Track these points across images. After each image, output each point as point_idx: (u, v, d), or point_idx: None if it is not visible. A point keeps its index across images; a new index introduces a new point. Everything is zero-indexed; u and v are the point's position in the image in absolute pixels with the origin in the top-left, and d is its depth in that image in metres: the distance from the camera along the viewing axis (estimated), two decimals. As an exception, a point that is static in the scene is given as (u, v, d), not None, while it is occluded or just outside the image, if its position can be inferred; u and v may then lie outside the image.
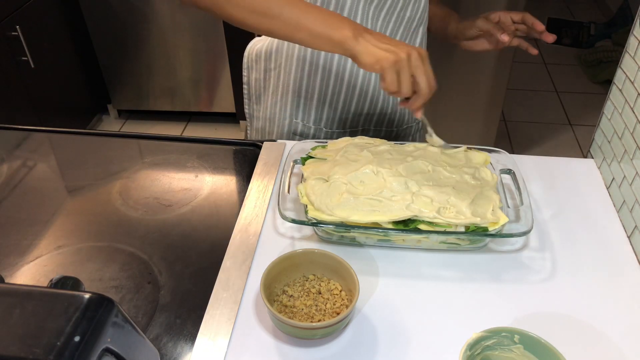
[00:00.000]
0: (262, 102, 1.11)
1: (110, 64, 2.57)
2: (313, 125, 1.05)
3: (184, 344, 0.68)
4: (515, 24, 0.99)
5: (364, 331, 0.68)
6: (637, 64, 0.85)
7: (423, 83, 0.74)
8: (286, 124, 1.07)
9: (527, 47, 0.99)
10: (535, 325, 0.68)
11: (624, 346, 0.67)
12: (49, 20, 2.27)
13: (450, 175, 0.81)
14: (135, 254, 0.81)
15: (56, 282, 0.54)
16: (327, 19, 0.76)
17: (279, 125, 1.08)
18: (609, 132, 0.93)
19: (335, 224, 0.75)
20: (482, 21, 1.00)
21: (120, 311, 0.49)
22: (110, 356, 0.47)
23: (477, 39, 1.03)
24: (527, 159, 0.98)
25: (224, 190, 0.94)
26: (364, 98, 1.02)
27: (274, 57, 1.03)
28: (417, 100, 0.77)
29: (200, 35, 2.43)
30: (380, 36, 0.76)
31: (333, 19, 0.76)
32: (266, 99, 1.09)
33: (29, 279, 0.76)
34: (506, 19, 0.99)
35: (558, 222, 0.84)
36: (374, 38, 0.75)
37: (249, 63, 1.10)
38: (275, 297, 0.70)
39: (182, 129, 2.75)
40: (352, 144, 0.89)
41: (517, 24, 0.99)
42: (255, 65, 1.08)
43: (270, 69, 1.05)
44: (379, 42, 0.74)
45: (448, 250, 0.79)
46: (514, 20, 0.98)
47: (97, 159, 1.02)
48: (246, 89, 1.14)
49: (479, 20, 1.00)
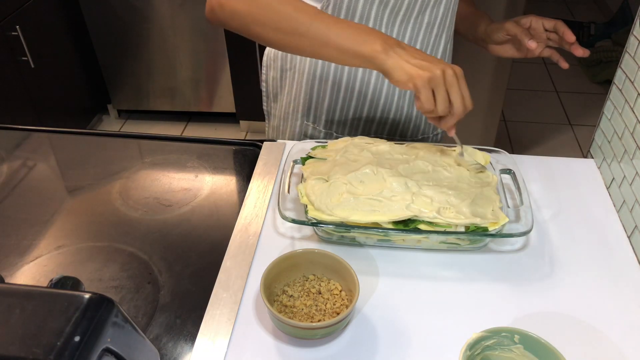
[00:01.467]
0: (279, 101, 1.11)
1: (110, 64, 2.57)
2: (324, 129, 1.04)
3: (184, 344, 0.68)
4: (547, 31, 0.90)
5: (364, 331, 0.68)
6: (637, 64, 0.85)
7: (458, 103, 0.70)
8: (298, 125, 1.06)
9: (559, 59, 0.92)
10: (535, 325, 0.68)
11: (624, 346, 0.67)
12: (49, 20, 2.27)
13: (450, 175, 0.81)
14: (135, 254, 0.81)
15: (56, 282, 0.54)
16: (356, 32, 0.73)
17: (291, 125, 1.08)
18: (609, 132, 0.93)
19: (335, 224, 0.75)
20: (511, 25, 0.92)
21: (120, 311, 0.49)
22: (110, 356, 0.47)
23: (505, 44, 0.96)
24: (527, 159, 0.98)
25: (224, 190, 0.94)
26: (375, 105, 1.00)
27: (290, 57, 1.02)
28: (450, 119, 0.72)
29: (200, 35, 2.43)
30: (413, 50, 0.72)
31: (362, 33, 0.73)
32: (282, 98, 1.09)
33: (29, 279, 0.76)
34: (538, 25, 0.90)
35: (558, 222, 0.84)
36: (406, 53, 0.71)
37: (267, 61, 1.09)
38: (275, 297, 0.70)
39: (182, 129, 2.75)
40: (352, 144, 0.89)
41: (549, 32, 0.90)
42: (273, 64, 1.07)
43: (287, 69, 1.04)
44: (412, 57, 0.70)
45: (448, 250, 0.79)
46: (546, 27, 0.90)
47: (97, 159, 1.02)
48: (264, 87, 1.13)
49: (508, 23, 0.92)
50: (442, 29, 0.95)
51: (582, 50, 0.87)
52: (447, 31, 0.96)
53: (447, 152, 0.87)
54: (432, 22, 0.92)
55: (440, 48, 0.97)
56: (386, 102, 1.00)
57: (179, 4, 2.34)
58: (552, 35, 0.91)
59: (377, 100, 0.99)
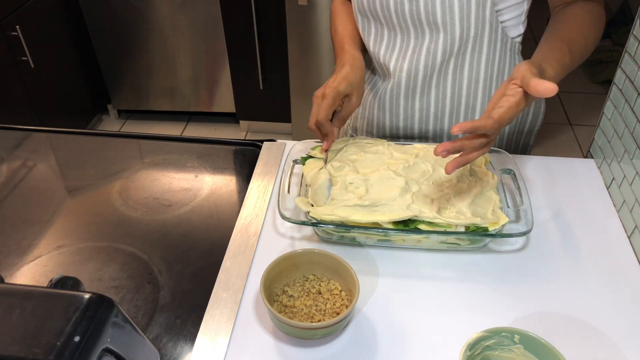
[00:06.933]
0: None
1: (110, 64, 2.57)
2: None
3: (184, 344, 0.68)
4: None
5: (364, 331, 0.68)
6: (637, 64, 0.85)
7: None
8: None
9: None
10: (535, 325, 0.68)
11: (624, 346, 0.67)
12: (49, 20, 2.27)
13: (451, 176, 0.81)
14: (135, 254, 0.81)
15: (56, 282, 0.54)
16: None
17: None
18: (609, 132, 0.93)
19: (335, 224, 0.75)
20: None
21: (120, 311, 0.49)
22: (110, 356, 0.47)
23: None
24: (527, 159, 0.98)
25: (224, 190, 0.94)
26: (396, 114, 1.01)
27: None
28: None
29: (200, 35, 2.43)
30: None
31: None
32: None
33: (29, 279, 0.76)
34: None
35: (558, 222, 0.84)
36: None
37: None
38: (275, 297, 0.70)
39: (182, 129, 2.75)
40: (352, 144, 0.89)
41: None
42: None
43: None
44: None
45: (448, 250, 0.79)
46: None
47: (97, 159, 1.02)
48: None
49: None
50: (459, 66, 0.91)
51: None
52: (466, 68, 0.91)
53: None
54: (441, 58, 0.90)
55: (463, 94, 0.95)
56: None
57: (179, 4, 2.34)
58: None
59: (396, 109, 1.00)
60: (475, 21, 0.85)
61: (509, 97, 0.67)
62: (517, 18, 0.89)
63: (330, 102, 0.81)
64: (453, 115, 0.96)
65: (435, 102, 0.95)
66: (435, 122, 0.97)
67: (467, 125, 0.64)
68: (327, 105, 0.81)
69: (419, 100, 0.95)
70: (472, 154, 0.68)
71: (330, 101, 0.81)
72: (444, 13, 0.84)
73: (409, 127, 0.99)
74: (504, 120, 0.66)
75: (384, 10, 0.88)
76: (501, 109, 0.66)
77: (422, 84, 0.93)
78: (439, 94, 0.94)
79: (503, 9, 0.86)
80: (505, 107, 0.66)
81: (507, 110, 0.66)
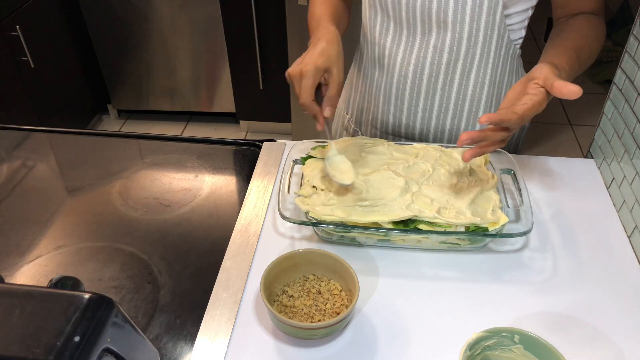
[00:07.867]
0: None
1: (110, 64, 2.57)
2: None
3: (184, 344, 0.68)
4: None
5: (364, 331, 0.68)
6: (637, 64, 0.85)
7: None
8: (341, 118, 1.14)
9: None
10: (535, 325, 0.68)
11: (624, 346, 0.67)
12: (49, 20, 2.27)
13: (451, 175, 0.81)
14: (135, 254, 0.81)
15: (56, 282, 0.54)
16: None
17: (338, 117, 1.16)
18: (609, 132, 0.93)
19: (335, 224, 0.75)
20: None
21: (120, 311, 0.49)
22: (110, 356, 0.47)
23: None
24: (527, 159, 0.98)
25: (224, 190, 0.94)
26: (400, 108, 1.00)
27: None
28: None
29: (200, 35, 2.43)
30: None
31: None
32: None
33: (29, 279, 0.76)
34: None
35: (558, 222, 0.84)
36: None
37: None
38: (275, 297, 0.70)
39: (182, 129, 2.75)
40: (352, 144, 0.89)
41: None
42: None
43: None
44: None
45: (448, 250, 0.79)
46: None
47: (97, 159, 1.02)
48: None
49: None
50: (466, 71, 0.92)
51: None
52: (474, 72, 0.92)
53: (447, 152, 0.87)
54: (447, 60, 0.90)
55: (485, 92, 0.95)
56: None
57: (179, 4, 2.34)
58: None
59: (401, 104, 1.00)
60: (485, 24, 0.85)
61: (531, 95, 0.71)
62: (521, 22, 0.90)
63: (311, 82, 0.78)
64: (455, 118, 0.97)
65: (439, 104, 0.95)
66: (437, 122, 0.98)
67: (495, 116, 0.68)
68: (309, 85, 0.78)
69: (423, 101, 0.96)
70: (490, 146, 0.73)
71: (311, 80, 0.78)
72: (456, 12, 0.84)
73: (410, 124, 0.99)
74: (526, 117, 0.69)
75: (394, 3, 0.88)
76: (525, 106, 0.69)
77: (428, 83, 0.93)
78: (443, 96, 0.94)
79: (512, 13, 0.87)
80: (529, 105, 0.69)
81: (530, 108, 0.69)
